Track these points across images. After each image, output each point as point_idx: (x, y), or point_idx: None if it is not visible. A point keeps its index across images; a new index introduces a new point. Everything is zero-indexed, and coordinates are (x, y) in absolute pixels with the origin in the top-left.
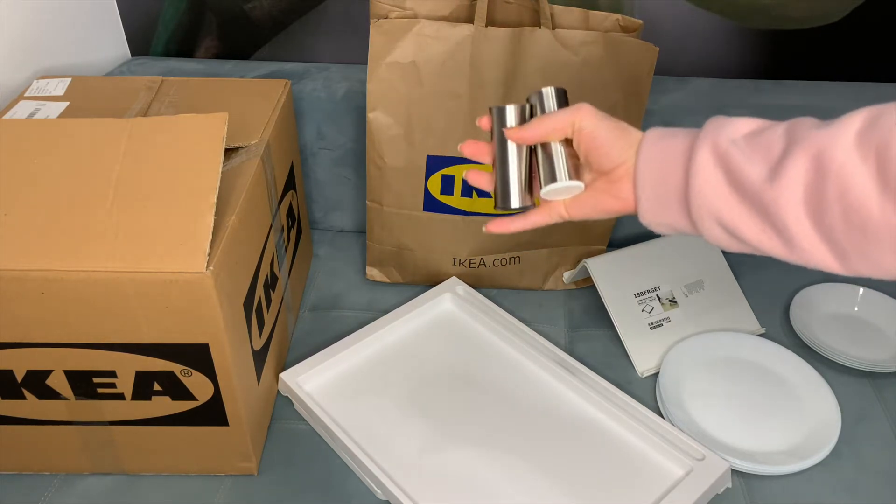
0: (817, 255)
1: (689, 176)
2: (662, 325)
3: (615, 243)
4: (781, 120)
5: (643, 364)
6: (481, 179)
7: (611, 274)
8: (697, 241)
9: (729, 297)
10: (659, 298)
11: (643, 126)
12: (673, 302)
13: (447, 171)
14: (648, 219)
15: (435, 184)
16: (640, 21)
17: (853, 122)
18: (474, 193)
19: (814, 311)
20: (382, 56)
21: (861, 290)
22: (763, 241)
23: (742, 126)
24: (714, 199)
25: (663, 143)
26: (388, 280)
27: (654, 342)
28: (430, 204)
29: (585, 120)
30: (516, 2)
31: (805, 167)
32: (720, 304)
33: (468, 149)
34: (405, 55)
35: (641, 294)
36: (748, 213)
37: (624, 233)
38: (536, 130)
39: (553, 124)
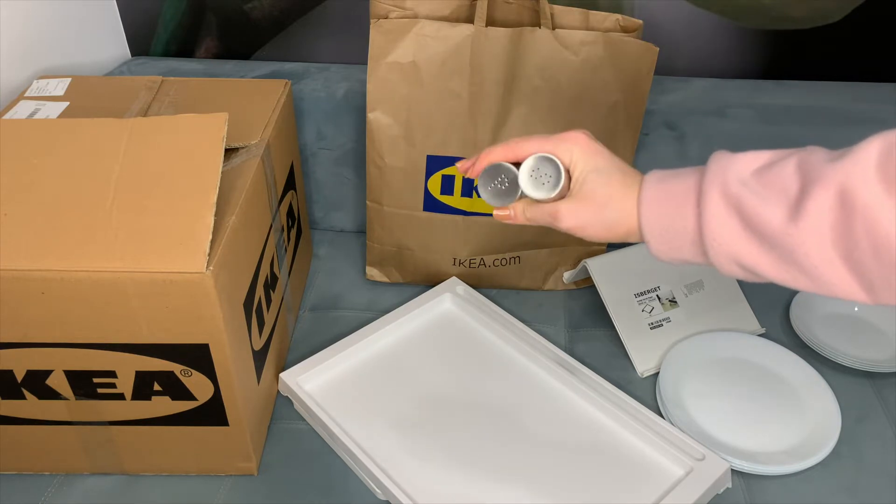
0: (846, 288)
1: (701, 222)
2: (662, 325)
3: (615, 243)
4: (783, 118)
5: (643, 364)
6: (467, 164)
7: (611, 274)
8: None
9: (729, 297)
10: (659, 298)
11: (644, 125)
12: (673, 302)
13: (447, 171)
14: (660, 258)
15: (435, 184)
16: (640, 21)
17: (870, 154)
18: (474, 193)
19: (814, 311)
20: (382, 56)
21: None
22: (787, 279)
23: (748, 162)
24: (732, 245)
25: (665, 187)
26: (388, 280)
27: (654, 342)
28: (430, 204)
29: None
30: (516, 2)
31: (828, 206)
32: (720, 305)
33: (463, 166)
34: (405, 55)
35: (641, 294)
36: (770, 256)
37: None
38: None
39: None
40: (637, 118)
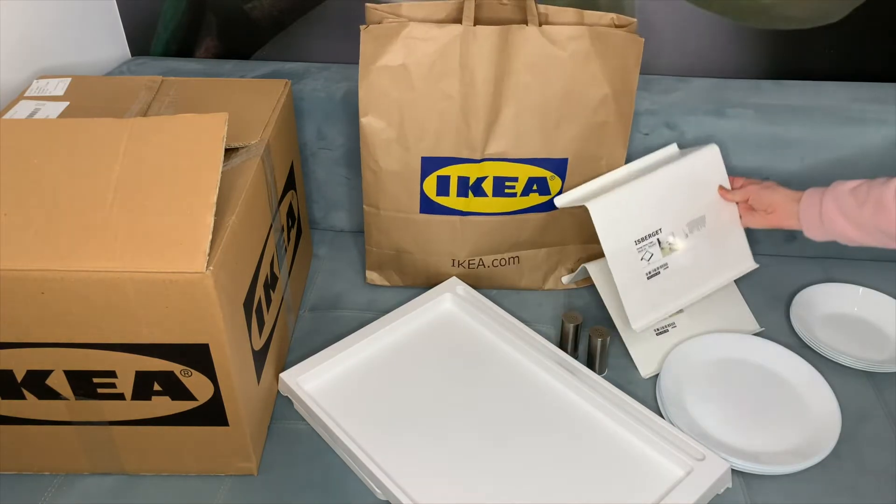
0: None
1: (821, 216)
2: (668, 330)
3: None
4: (783, 118)
5: (647, 367)
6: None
7: (613, 280)
8: None
9: (729, 300)
10: None
11: (644, 125)
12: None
13: (442, 171)
14: (809, 236)
15: (430, 185)
16: (634, 19)
17: None
18: (470, 193)
19: (814, 311)
20: (373, 60)
21: (861, 290)
22: (875, 243)
23: (849, 185)
24: (840, 229)
25: (811, 199)
26: (388, 284)
27: (657, 346)
28: (427, 206)
29: (753, 192)
30: (510, 2)
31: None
32: (721, 307)
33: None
34: (395, 59)
35: None
36: (865, 233)
37: None
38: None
39: (737, 194)
40: (628, 110)
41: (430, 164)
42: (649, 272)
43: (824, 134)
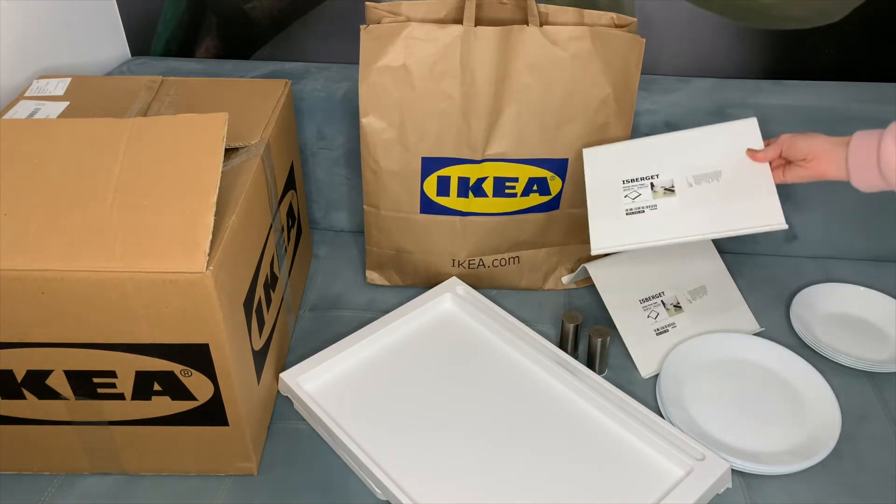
0: None
1: (879, 156)
2: (668, 330)
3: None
4: (783, 118)
5: (648, 368)
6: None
7: (612, 279)
8: (695, 244)
9: (730, 299)
10: (664, 304)
11: (644, 125)
12: (678, 307)
13: (442, 172)
14: (856, 183)
15: (431, 185)
16: (634, 19)
17: None
18: (470, 194)
19: (814, 311)
20: (373, 61)
21: (861, 290)
22: None
23: None
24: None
25: (864, 141)
26: (388, 283)
27: (657, 346)
28: (427, 206)
29: (786, 141)
30: (511, 2)
31: None
32: (721, 307)
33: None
34: (396, 59)
35: (646, 300)
36: None
37: None
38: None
39: (769, 151)
40: (629, 110)
41: (430, 165)
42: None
43: (824, 133)
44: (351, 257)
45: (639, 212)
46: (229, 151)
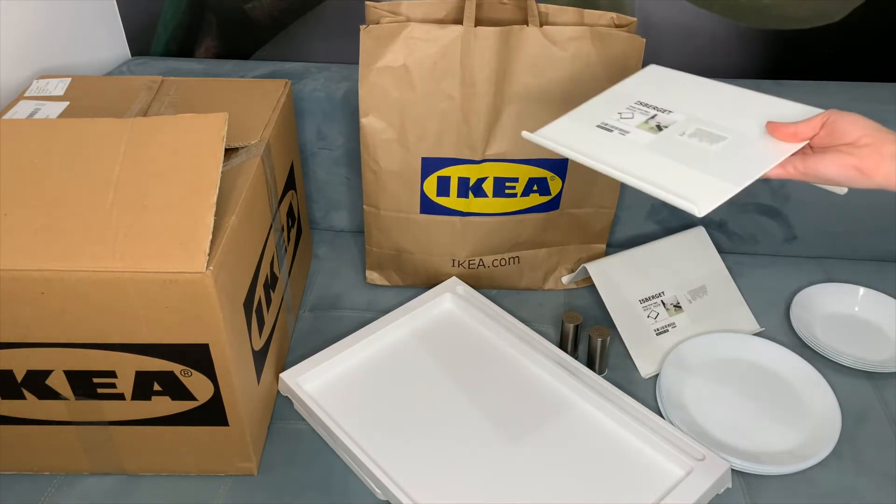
0: None
1: None
2: (668, 330)
3: (613, 244)
4: None
5: (648, 368)
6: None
7: (612, 279)
8: (695, 244)
9: (730, 300)
10: (664, 304)
11: None
12: (678, 307)
13: (442, 172)
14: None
15: (431, 186)
16: (634, 18)
17: None
18: (470, 194)
19: (814, 311)
20: (373, 61)
21: (861, 290)
22: None
23: None
24: None
25: None
26: (388, 283)
27: (657, 346)
28: (427, 206)
29: (834, 114)
30: (511, 2)
31: None
32: (721, 307)
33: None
34: (396, 59)
35: (646, 300)
36: None
37: (623, 233)
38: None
39: (809, 125)
40: None
41: (430, 165)
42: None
43: None
44: (351, 257)
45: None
46: (229, 151)
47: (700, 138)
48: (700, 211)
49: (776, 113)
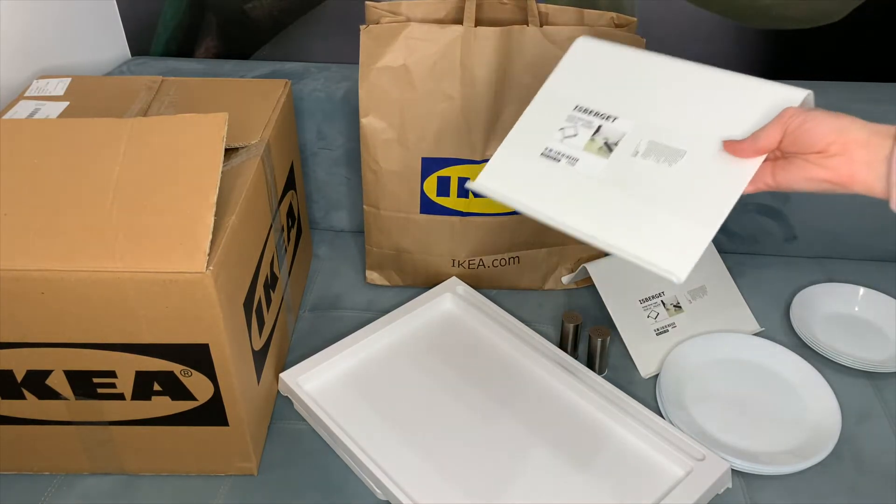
0: None
1: None
2: (668, 330)
3: None
4: None
5: (648, 368)
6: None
7: (612, 278)
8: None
9: (729, 299)
10: (664, 304)
11: None
12: (678, 307)
13: (442, 172)
14: None
15: (431, 186)
16: (634, 18)
17: None
18: (471, 194)
19: (814, 311)
20: (373, 61)
21: (861, 290)
22: None
23: None
24: None
25: None
26: (388, 283)
27: (658, 346)
28: (427, 206)
29: (794, 118)
30: (511, 2)
31: None
32: (721, 307)
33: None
34: (396, 59)
35: (646, 300)
36: None
37: None
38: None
39: (768, 136)
40: None
41: (430, 165)
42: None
43: None
44: (351, 257)
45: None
46: (229, 151)
47: (656, 157)
48: (680, 279)
49: (727, 98)
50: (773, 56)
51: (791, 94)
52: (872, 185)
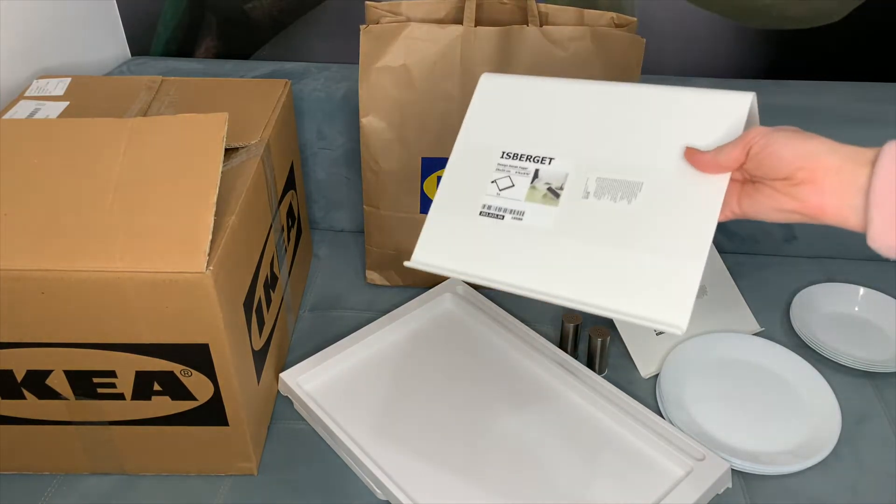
0: None
1: None
2: (668, 330)
3: None
4: (783, 118)
5: (648, 368)
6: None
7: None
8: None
9: (730, 300)
10: None
11: None
12: None
13: (442, 172)
14: (882, 241)
15: (431, 186)
16: (635, 18)
17: None
18: None
19: (814, 311)
20: (373, 61)
21: (861, 290)
22: None
23: None
24: None
25: None
26: (388, 283)
27: (658, 346)
28: (427, 206)
29: (758, 139)
30: (511, 2)
31: None
32: (721, 308)
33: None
34: (396, 59)
35: None
36: None
37: None
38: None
39: (729, 155)
40: None
41: (430, 165)
42: (486, 208)
43: (824, 134)
44: (351, 257)
45: (496, 216)
46: (229, 151)
47: (611, 195)
48: (682, 330)
49: (667, 116)
50: (773, 56)
51: (736, 100)
52: (846, 216)
